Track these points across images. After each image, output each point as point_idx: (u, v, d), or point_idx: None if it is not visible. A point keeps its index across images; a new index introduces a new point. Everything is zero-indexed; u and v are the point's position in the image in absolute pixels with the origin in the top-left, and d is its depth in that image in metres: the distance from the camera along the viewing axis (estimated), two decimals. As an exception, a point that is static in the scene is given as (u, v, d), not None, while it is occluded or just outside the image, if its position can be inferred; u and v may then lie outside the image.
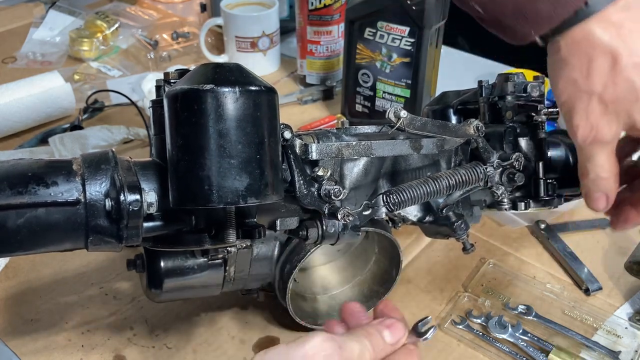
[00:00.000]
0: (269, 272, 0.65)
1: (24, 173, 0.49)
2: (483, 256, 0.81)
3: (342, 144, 0.57)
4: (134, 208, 0.49)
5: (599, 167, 0.55)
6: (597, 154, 0.55)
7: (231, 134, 0.47)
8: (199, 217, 0.54)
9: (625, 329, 0.71)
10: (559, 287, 0.76)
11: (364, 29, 0.96)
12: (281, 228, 0.58)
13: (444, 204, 0.63)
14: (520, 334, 0.69)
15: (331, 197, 0.55)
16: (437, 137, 0.61)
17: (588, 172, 0.56)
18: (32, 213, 0.48)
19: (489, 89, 0.67)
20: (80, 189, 0.49)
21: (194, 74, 0.49)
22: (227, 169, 0.47)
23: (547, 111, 0.63)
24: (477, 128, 0.62)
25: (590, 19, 0.51)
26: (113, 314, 0.72)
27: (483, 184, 0.60)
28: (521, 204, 0.64)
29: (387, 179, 0.64)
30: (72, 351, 0.67)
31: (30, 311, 0.72)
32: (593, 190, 0.57)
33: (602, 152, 0.54)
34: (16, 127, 1.03)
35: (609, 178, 0.56)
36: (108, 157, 0.52)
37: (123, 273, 0.76)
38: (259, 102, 0.48)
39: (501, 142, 0.62)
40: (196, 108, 0.47)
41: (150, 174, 0.53)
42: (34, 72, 1.09)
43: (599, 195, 0.57)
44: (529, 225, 0.86)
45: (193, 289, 0.62)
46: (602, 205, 0.57)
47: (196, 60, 1.27)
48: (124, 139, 0.99)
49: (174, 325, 0.71)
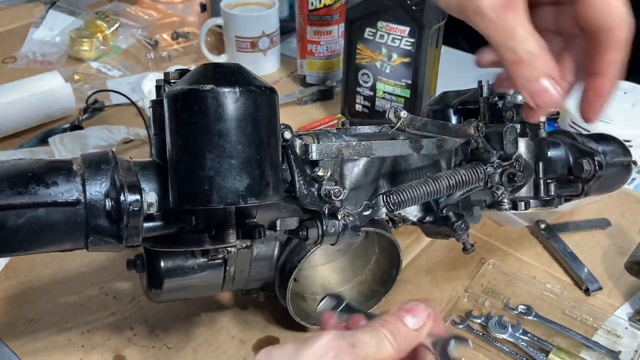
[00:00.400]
0: (269, 272, 0.65)
1: (24, 173, 0.49)
2: (483, 256, 0.81)
3: (342, 144, 0.57)
4: (134, 208, 0.49)
5: (526, 42, 0.45)
6: (517, 23, 0.44)
7: (231, 134, 0.47)
8: (199, 217, 0.54)
9: (625, 329, 0.71)
10: (559, 287, 0.76)
11: (364, 29, 0.96)
12: (281, 228, 0.58)
13: (444, 204, 0.63)
14: (520, 334, 0.69)
15: (331, 197, 0.55)
16: (437, 137, 0.61)
17: (519, 56, 0.45)
18: (32, 213, 0.48)
19: (489, 89, 0.67)
20: (80, 189, 0.49)
21: (194, 74, 0.49)
22: (227, 169, 0.47)
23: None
24: (477, 128, 0.62)
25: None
26: (113, 314, 0.72)
27: (483, 184, 0.60)
28: (521, 204, 0.64)
29: (387, 179, 0.64)
30: (72, 351, 0.67)
31: (30, 311, 0.72)
32: (533, 77, 0.46)
33: (522, 19, 0.45)
34: (16, 127, 1.03)
35: (545, 54, 0.46)
36: (108, 157, 0.52)
37: (123, 273, 0.76)
38: (259, 102, 0.48)
39: (501, 142, 0.62)
40: (196, 108, 0.47)
41: (151, 174, 0.53)
42: (34, 72, 1.09)
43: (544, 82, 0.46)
44: (529, 225, 0.86)
45: (193, 289, 0.62)
46: (555, 93, 0.46)
47: (196, 60, 1.27)
48: (124, 139, 0.99)
49: (174, 325, 0.71)
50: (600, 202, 0.90)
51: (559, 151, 0.70)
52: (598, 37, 0.47)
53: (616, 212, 0.89)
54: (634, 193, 0.93)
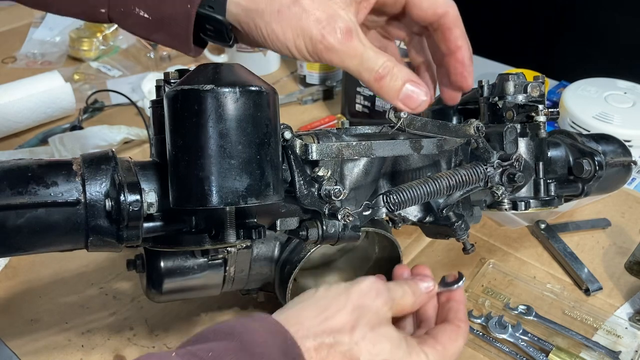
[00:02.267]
0: (269, 272, 0.65)
1: (24, 173, 0.49)
2: (483, 256, 0.81)
3: (343, 144, 0.57)
4: (134, 208, 0.49)
5: (379, 59, 0.51)
6: (363, 46, 0.50)
7: (231, 134, 0.47)
8: (199, 218, 0.54)
9: (625, 329, 0.71)
10: (559, 287, 0.76)
11: (364, 29, 0.96)
12: (281, 228, 0.58)
13: (444, 204, 0.63)
14: (520, 334, 0.69)
15: (331, 198, 0.55)
16: (437, 138, 0.60)
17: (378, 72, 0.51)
18: (32, 213, 0.48)
19: (489, 89, 0.67)
20: (80, 189, 0.49)
21: (194, 74, 0.49)
22: (227, 169, 0.47)
23: (547, 111, 0.63)
24: (478, 128, 0.62)
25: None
26: (113, 314, 0.72)
27: (483, 184, 0.60)
28: (521, 204, 0.64)
29: (387, 179, 0.64)
30: (72, 351, 0.67)
31: (30, 311, 0.72)
32: (397, 86, 0.52)
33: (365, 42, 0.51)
34: (16, 127, 1.03)
35: (398, 63, 0.52)
36: (108, 157, 0.52)
37: (123, 273, 0.76)
38: (259, 102, 0.48)
39: (501, 142, 0.62)
40: (196, 108, 0.47)
41: (151, 174, 0.53)
42: (34, 72, 1.09)
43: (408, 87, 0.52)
44: (529, 225, 0.86)
45: (193, 289, 0.62)
46: (421, 93, 0.53)
47: (196, 60, 1.27)
48: (124, 139, 0.99)
49: (174, 325, 0.71)
50: (600, 202, 0.90)
51: (559, 151, 0.70)
52: (440, 24, 0.56)
53: (616, 212, 0.89)
54: (634, 193, 0.93)
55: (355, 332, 0.49)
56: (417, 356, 0.50)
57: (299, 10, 0.49)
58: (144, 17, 0.52)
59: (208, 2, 0.51)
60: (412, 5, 0.55)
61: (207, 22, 0.52)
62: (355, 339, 0.48)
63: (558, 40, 1.48)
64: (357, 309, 0.50)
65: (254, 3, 0.50)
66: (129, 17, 0.52)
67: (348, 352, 0.48)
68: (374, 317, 0.50)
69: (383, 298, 0.52)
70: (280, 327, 0.47)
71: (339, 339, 0.48)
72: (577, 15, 1.45)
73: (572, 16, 1.46)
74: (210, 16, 0.51)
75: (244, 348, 0.43)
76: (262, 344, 0.44)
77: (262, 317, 0.48)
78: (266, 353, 0.44)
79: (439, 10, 0.55)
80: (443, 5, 0.55)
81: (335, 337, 0.48)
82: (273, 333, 0.46)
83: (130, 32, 0.55)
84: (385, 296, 0.52)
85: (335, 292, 0.51)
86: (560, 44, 1.48)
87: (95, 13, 0.53)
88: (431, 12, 0.55)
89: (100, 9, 0.52)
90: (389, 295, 0.52)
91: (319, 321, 0.48)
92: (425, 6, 0.55)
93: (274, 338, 0.45)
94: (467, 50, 0.57)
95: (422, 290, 0.55)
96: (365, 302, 0.50)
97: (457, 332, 0.54)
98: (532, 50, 1.48)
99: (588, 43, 1.45)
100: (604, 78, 1.11)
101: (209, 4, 0.51)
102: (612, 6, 1.39)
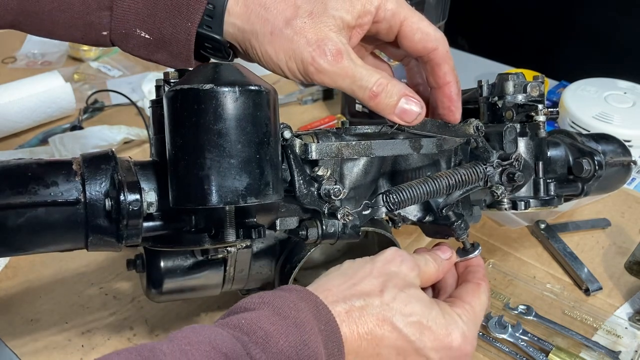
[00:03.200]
0: (269, 271, 0.65)
1: (24, 173, 0.49)
2: (483, 256, 0.80)
3: (342, 144, 0.57)
4: (133, 208, 0.49)
5: (371, 77, 0.52)
6: (354, 66, 0.52)
7: (231, 133, 0.47)
8: (198, 217, 0.54)
9: (625, 329, 0.71)
10: (559, 287, 0.76)
11: (364, 29, 0.96)
12: (281, 228, 0.58)
13: (444, 204, 0.63)
14: (520, 334, 0.69)
15: (331, 197, 0.55)
16: (436, 137, 0.60)
17: (372, 90, 0.52)
18: (32, 213, 0.48)
19: (488, 89, 0.67)
20: (80, 188, 0.49)
21: (193, 73, 0.49)
22: (227, 168, 0.47)
23: (547, 111, 0.63)
24: (477, 128, 0.62)
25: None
26: (113, 314, 0.72)
27: (483, 183, 0.60)
28: (521, 203, 0.64)
29: (386, 179, 0.64)
30: (72, 351, 0.67)
31: (30, 311, 0.72)
32: (393, 102, 0.53)
33: (357, 61, 0.52)
34: (16, 127, 1.03)
35: (391, 79, 0.53)
36: (108, 156, 0.52)
37: (123, 273, 0.76)
38: (258, 101, 0.48)
39: (501, 141, 0.62)
40: (196, 108, 0.47)
41: (150, 174, 0.53)
42: (34, 72, 1.09)
43: (403, 102, 0.54)
44: (529, 225, 0.86)
45: (193, 289, 0.62)
46: (416, 107, 0.54)
47: (196, 61, 1.27)
48: (124, 139, 0.99)
49: (174, 325, 0.71)
50: (600, 202, 0.90)
51: (559, 151, 0.70)
52: (430, 59, 0.57)
53: (616, 212, 0.89)
54: (634, 193, 0.93)
55: (385, 294, 0.49)
56: (450, 316, 0.51)
57: (291, 33, 0.50)
58: (146, 37, 0.53)
59: (206, 22, 0.52)
60: (403, 37, 0.56)
61: (205, 40, 0.52)
62: (386, 300, 0.49)
63: (558, 40, 1.48)
64: (383, 274, 0.51)
65: (249, 24, 0.51)
66: (130, 38, 0.53)
67: (380, 313, 0.48)
68: (401, 281, 0.51)
69: (409, 264, 0.53)
70: (310, 294, 0.48)
71: (370, 301, 0.49)
72: (577, 15, 1.45)
73: (572, 16, 1.46)
74: (208, 36, 0.52)
75: (276, 312, 0.44)
76: (293, 308, 0.45)
77: (291, 287, 0.49)
78: (299, 316, 0.44)
79: (429, 45, 0.56)
80: (434, 41, 0.56)
81: (365, 299, 0.49)
82: (304, 299, 0.47)
83: (131, 54, 0.55)
84: (411, 262, 0.53)
85: (361, 262, 0.53)
86: (560, 44, 1.48)
87: (97, 36, 0.54)
88: (421, 45, 0.56)
89: (102, 32, 0.53)
90: (413, 261, 0.54)
91: (347, 286, 0.50)
92: (416, 39, 0.56)
93: (305, 303, 0.46)
94: (454, 85, 0.59)
95: (442, 258, 0.58)
96: (391, 268, 0.52)
97: (479, 289, 0.56)
98: (532, 50, 1.49)
99: (588, 43, 1.45)
100: (604, 78, 1.11)
101: (206, 24, 0.52)
102: (612, 6, 1.39)
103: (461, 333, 0.51)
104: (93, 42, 0.55)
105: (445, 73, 0.58)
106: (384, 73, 0.53)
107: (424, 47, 0.56)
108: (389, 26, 0.55)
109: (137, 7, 0.51)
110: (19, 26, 0.54)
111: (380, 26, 0.55)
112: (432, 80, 0.59)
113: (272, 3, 0.51)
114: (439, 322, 0.50)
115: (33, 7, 0.51)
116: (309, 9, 0.51)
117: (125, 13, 0.52)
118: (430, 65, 0.58)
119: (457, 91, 0.60)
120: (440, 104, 0.60)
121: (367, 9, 0.53)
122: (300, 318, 0.44)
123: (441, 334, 0.50)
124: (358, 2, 0.52)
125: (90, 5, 0.51)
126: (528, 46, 1.48)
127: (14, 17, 0.52)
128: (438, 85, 0.59)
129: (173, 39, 0.52)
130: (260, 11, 0.51)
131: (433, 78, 0.59)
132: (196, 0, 0.51)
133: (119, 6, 0.51)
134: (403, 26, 0.55)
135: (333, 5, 0.51)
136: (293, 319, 0.44)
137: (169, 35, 0.52)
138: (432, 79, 0.59)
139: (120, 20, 0.52)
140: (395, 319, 0.49)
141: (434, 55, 0.57)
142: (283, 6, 0.51)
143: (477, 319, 0.54)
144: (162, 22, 0.52)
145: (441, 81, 0.59)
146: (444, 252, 0.58)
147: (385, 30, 0.56)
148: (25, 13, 0.52)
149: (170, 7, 0.51)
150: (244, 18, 0.51)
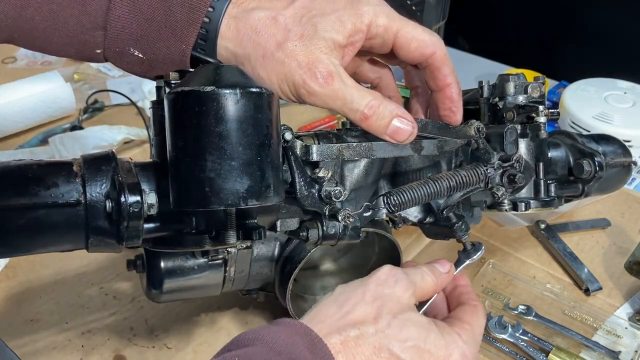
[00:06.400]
0: (269, 272, 0.65)
1: (24, 174, 0.49)
2: (483, 256, 0.80)
3: (343, 145, 0.57)
4: (134, 209, 0.49)
5: (363, 99, 0.52)
6: (345, 88, 0.52)
7: (232, 136, 0.47)
8: (199, 219, 0.54)
9: (625, 329, 0.71)
10: (559, 287, 0.76)
11: (364, 29, 0.96)
12: (282, 229, 0.58)
13: (445, 205, 0.63)
14: (520, 334, 0.69)
15: (332, 199, 0.55)
16: (437, 138, 0.60)
17: (364, 113, 0.52)
18: (33, 214, 0.48)
19: (489, 90, 0.67)
20: (80, 190, 0.49)
21: (194, 75, 0.49)
22: (228, 170, 0.47)
23: (547, 112, 0.63)
24: (478, 129, 0.62)
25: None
26: (113, 314, 0.72)
27: (484, 185, 0.60)
28: (521, 204, 0.64)
29: (387, 180, 0.64)
30: (72, 351, 0.68)
31: (30, 311, 0.72)
32: (385, 124, 0.53)
33: (348, 82, 0.52)
34: (16, 127, 1.03)
35: (383, 100, 0.53)
36: (108, 158, 0.52)
37: (123, 273, 0.76)
38: (260, 103, 0.48)
39: (502, 143, 0.62)
40: (197, 110, 0.46)
41: (151, 175, 0.53)
42: (34, 72, 1.09)
43: (395, 123, 0.53)
44: (529, 226, 0.86)
45: (193, 289, 0.62)
46: (408, 127, 0.54)
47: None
48: (124, 139, 0.99)
49: (174, 325, 0.71)
50: (600, 202, 0.90)
51: (559, 152, 0.70)
52: (429, 64, 0.57)
53: (616, 212, 0.89)
54: (634, 193, 0.93)
55: (379, 321, 0.48)
56: (450, 336, 0.50)
57: (282, 56, 0.51)
58: (139, 57, 0.53)
59: (200, 45, 0.52)
60: (399, 48, 0.56)
61: (200, 62, 0.53)
62: (381, 327, 0.48)
63: (558, 40, 1.48)
64: (377, 298, 0.50)
65: (241, 48, 0.52)
66: (124, 57, 0.54)
67: (376, 341, 0.48)
68: (395, 305, 0.50)
69: (403, 284, 0.52)
70: (304, 327, 0.47)
71: (364, 329, 0.48)
72: (577, 15, 1.45)
73: (572, 16, 1.46)
74: (202, 58, 0.53)
75: (271, 348, 0.44)
76: (288, 343, 0.45)
77: (284, 321, 0.48)
78: (294, 352, 0.44)
79: (426, 51, 0.56)
80: (431, 46, 0.56)
81: (360, 328, 0.48)
82: (298, 334, 0.46)
83: (126, 70, 0.56)
84: (405, 281, 0.52)
85: (353, 287, 0.52)
86: (560, 44, 1.48)
87: (90, 54, 0.54)
88: (419, 53, 0.56)
89: (96, 50, 0.54)
90: (408, 280, 0.52)
91: (340, 316, 0.49)
92: (412, 48, 0.55)
93: (300, 337, 0.46)
94: (455, 87, 0.59)
95: (441, 271, 0.56)
96: (384, 291, 0.51)
97: (476, 310, 0.55)
98: (532, 51, 1.48)
99: (588, 43, 1.44)
100: (604, 78, 1.11)
101: (200, 47, 0.52)
102: (612, 6, 1.39)
103: (461, 353, 0.50)
104: (87, 59, 0.55)
105: (445, 75, 0.58)
106: (376, 93, 0.53)
107: (422, 54, 0.56)
108: (382, 41, 0.55)
109: (131, 28, 0.52)
110: (13, 42, 0.54)
111: (374, 42, 0.55)
112: (433, 83, 0.59)
113: (263, 27, 0.51)
114: (439, 344, 0.49)
115: (27, 25, 0.52)
116: (299, 32, 0.51)
117: (119, 33, 0.52)
118: (430, 69, 0.58)
119: (458, 92, 0.60)
120: (442, 105, 0.60)
121: (358, 27, 0.53)
122: (295, 353, 0.44)
123: (441, 356, 0.49)
124: (349, 21, 0.52)
125: (85, 24, 0.52)
126: (528, 46, 1.47)
127: (9, 34, 0.53)
128: (439, 87, 0.59)
129: (167, 59, 0.53)
130: (251, 35, 0.51)
131: (433, 81, 0.59)
132: (190, 24, 0.51)
133: (112, 26, 0.52)
134: (397, 38, 0.55)
135: (323, 27, 0.51)
136: (287, 355, 0.43)
137: (163, 56, 0.53)
138: (433, 82, 0.59)
139: (114, 39, 0.52)
140: (391, 345, 0.48)
141: (433, 60, 0.57)
142: (274, 30, 0.51)
143: (477, 339, 0.53)
144: (155, 43, 0.52)
145: (442, 84, 0.59)
146: (443, 265, 0.57)
147: (379, 45, 0.56)
148: (20, 31, 0.52)
149: (164, 29, 0.52)
150: (236, 42, 0.52)
